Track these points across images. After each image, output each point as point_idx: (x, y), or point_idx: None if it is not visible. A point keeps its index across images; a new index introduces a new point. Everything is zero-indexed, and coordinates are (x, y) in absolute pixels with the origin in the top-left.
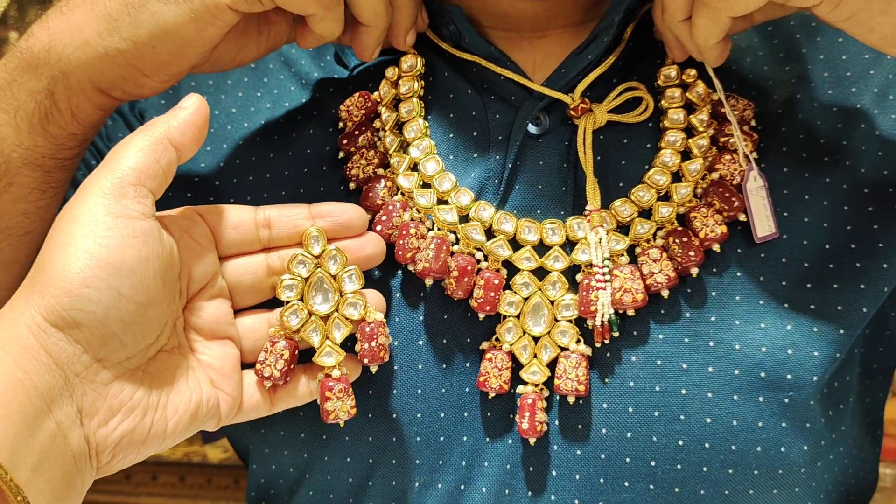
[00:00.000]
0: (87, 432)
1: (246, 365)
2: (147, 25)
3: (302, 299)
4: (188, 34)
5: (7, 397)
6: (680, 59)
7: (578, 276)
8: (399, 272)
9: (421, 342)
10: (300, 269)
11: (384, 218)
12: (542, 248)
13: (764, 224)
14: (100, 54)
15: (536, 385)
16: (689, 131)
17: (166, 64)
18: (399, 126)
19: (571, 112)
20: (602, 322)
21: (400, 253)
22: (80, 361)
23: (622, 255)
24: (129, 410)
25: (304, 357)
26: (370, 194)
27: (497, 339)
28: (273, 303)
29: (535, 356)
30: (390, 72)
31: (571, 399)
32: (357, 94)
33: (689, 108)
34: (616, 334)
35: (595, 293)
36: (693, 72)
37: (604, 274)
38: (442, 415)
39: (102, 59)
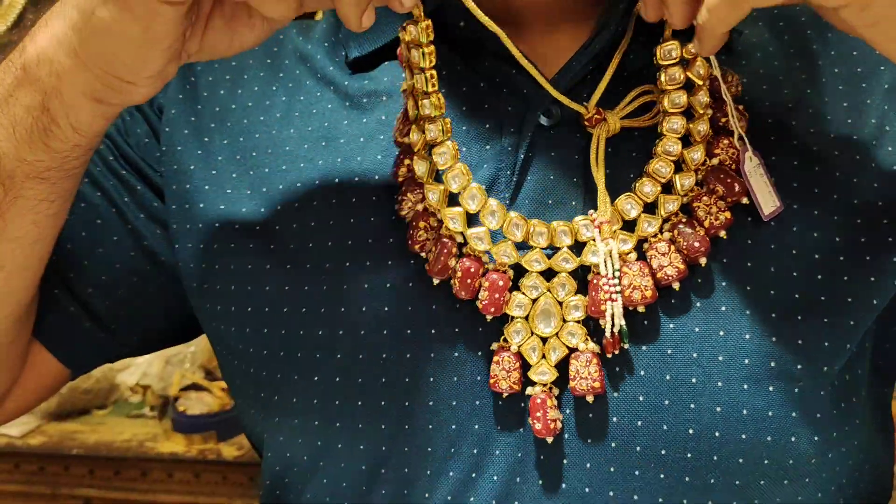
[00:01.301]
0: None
1: None
2: (97, 34)
3: None
4: (135, 35)
5: None
6: (680, 26)
7: (588, 276)
8: (412, 262)
9: (434, 331)
10: None
11: (406, 196)
12: (550, 247)
13: (768, 201)
14: (79, 65)
15: (545, 385)
16: (687, 113)
17: (138, 68)
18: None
19: (586, 122)
20: (612, 333)
21: (409, 242)
22: None
23: (630, 252)
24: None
25: None
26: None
27: (505, 340)
28: None
29: (544, 357)
30: (406, 35)
31: (590, 398)
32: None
33: (687, 88)
34: (626, 345)
35: (604, 295)
36: (692, 47)
37: (613, 286)
38: (454, 403)
39: (84, 71)
